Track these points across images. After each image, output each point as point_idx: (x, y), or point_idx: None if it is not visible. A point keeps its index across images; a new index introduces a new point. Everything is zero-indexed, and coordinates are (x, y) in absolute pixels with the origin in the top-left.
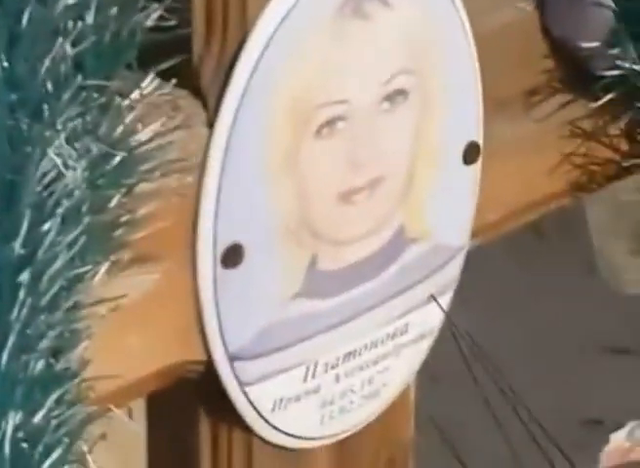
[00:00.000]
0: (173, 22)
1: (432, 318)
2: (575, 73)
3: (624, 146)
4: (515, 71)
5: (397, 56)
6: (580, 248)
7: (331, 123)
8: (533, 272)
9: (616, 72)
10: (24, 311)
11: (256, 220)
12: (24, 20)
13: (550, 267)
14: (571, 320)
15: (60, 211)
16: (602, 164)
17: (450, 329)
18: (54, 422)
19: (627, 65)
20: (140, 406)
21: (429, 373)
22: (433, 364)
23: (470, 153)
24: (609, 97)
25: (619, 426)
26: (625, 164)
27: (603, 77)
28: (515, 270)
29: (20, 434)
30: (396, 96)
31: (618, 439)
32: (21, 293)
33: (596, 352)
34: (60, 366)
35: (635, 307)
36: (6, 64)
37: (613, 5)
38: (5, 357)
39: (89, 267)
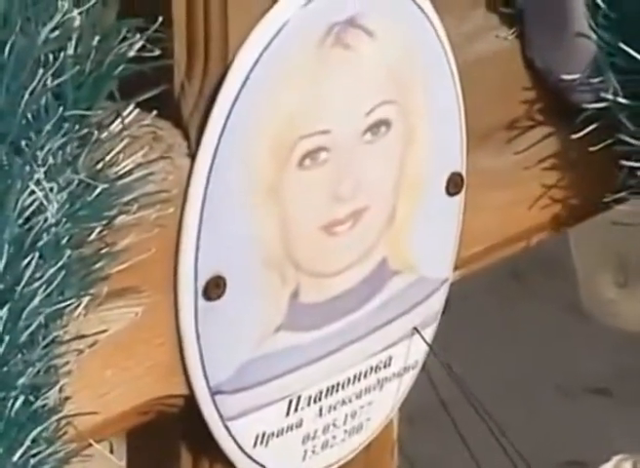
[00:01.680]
0: (154, 53)
1: (416, 351)
2: (556, 105)
3: (606, 179)
4: (497, 102)
5: (380, 86)
6: (558, 288)
7: (313, 153)
8: (512, 312)
9: (598, 105)
10: (2, 348)
11: (238, 252)
12: (6, 52)
13: (529, 308)
14: (551, 360)
15: (39, 245)
16: (583, 197)
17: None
18: (32, 461)
19: (610, 97)
20: (120, 440)
21: (407, 415)
22: (410, 406)
23: (454, 184)
24: (590, 128)
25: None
26: (607, 199)
27: (585, 109)
28: (494, 311)
29: None
30: (379, 126)
31: None
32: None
33: (577, 392)
34: (38, 403)
35: (615, 347)
36: None
37: (594, 36)
38: None
39: (68, 302)
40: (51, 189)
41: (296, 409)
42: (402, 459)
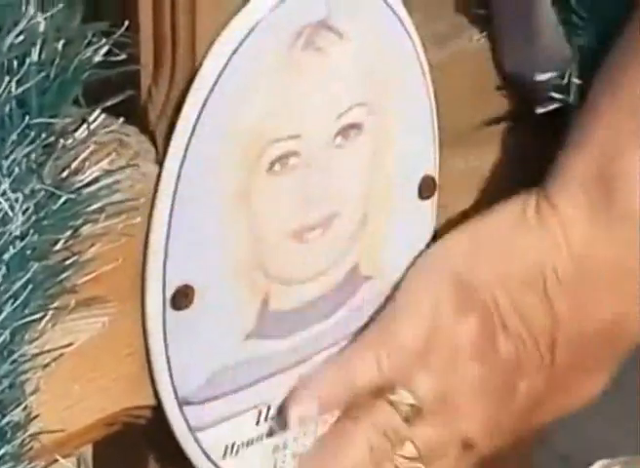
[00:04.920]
0: (121, 58)
1: None
2: (529, 106)
3: None
4: (469, 103)
5: (351, 88)
6: None
7: (283, 158)
8: None
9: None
10: None
11: (207, 261)
12: None
13: None
14: None
15: (5, 257)
16: None
17: None
18: None
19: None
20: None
21: None
22: None
23: (426, 187)
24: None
25: (588, 464)
26: None
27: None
28: None
29: None
30: (350, 130)
31: None
32: None
33: None
34: (5, 420)
35: None
36: None
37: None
38: None
39: (35, 316)
40: (16, 200)
41: (266, 419)
42: None
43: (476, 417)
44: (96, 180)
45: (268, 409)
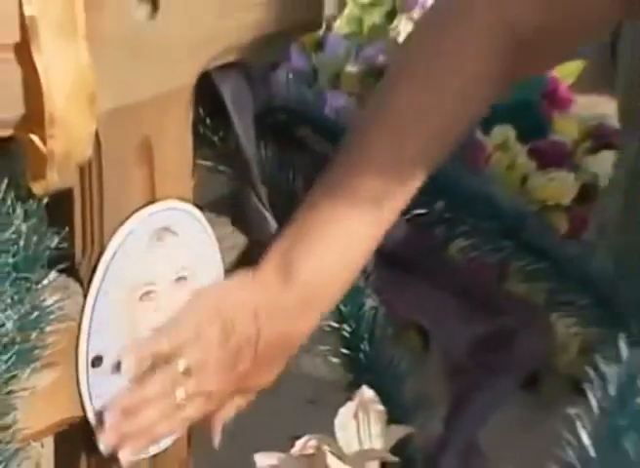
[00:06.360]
0: (64, 245)
1: None
2: None
3: None
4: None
5: (181, 259)
6: None
7: (148, 293)
8: None
9: None
10: None
11: (109, 343)
12: None
13: None
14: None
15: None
16: None
17: None
18: None
19: None
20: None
21: None
22: None
23: None
24: None
25: (296, 438)
26: None
27: None
28: None
29: None
30: (183, 279)
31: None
32: None
33: (299, 403)
34: (1, 422)
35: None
36: None
37: None
38: None
39: (18, 372)
40: (8, 317)
41: None
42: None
43: (219, 380)
44: (52, 305)
45: None
